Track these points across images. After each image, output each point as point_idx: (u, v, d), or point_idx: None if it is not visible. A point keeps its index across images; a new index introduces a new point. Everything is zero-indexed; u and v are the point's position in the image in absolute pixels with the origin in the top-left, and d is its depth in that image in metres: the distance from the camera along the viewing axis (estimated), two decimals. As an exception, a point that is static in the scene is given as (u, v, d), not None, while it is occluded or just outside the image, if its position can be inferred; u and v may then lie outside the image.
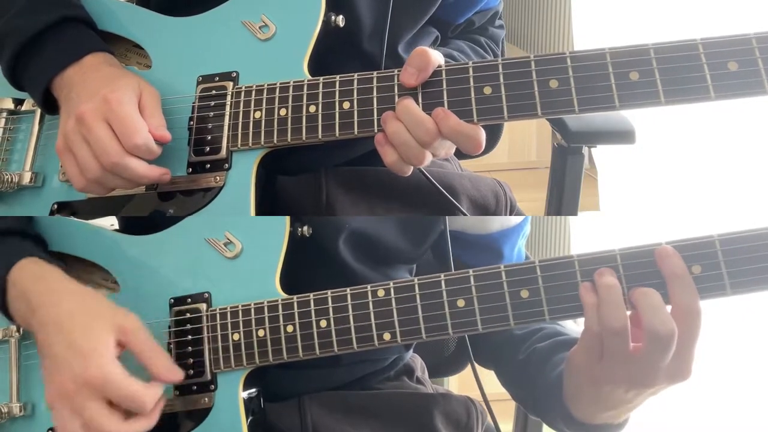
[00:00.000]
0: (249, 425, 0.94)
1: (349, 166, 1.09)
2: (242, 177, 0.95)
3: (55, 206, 1.02)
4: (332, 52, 0.99)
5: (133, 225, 1.05)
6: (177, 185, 0.97)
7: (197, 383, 0.95)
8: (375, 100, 0.92)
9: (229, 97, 0.97)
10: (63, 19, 0.96)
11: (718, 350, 1.72)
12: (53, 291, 0.91)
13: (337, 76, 0.93)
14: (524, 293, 0.87)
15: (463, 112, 0.88)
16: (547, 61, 0.87)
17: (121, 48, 1.04)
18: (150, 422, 0.88)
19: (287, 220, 0.97)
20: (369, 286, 0.92)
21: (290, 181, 1.06)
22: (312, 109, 0.93)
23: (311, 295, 0.93)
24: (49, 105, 0.97)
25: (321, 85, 0.94)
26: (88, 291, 0.93)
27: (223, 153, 0.96)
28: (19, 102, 1.07)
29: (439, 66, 0.90)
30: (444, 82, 0.90)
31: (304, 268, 0.99)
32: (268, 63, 0.97)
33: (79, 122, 0.91)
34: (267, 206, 0.98)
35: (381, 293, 0.91)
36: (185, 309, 0.97)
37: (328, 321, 0.92)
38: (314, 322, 0.92)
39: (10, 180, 1.03)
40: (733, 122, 1.77)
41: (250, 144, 0.95)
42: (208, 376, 0.95)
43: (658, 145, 2.01)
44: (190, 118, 0.97)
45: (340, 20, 0.98)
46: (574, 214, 1.45)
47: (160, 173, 0.94)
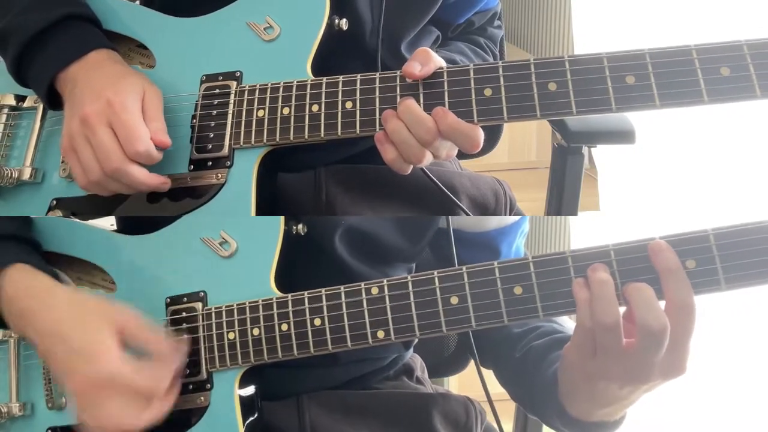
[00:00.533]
0: (246, 424, 0.94)
1: (349, 164, 1.09)
2: (244, 174, 0.96)
3: (54, 202, 1.02)
4: (335, 54, 1.00)
5: (132, 223, 1.06)
6: (179, 182, 0.97)
7: (193, 382, 0.95)
8: (377, 100, 0.92)
9: (232, 96, 0.97)
10: (68, 16, 0.97)
11: (714, 348, 1.73)
12: (43, 300, 0.92)
13: (340, 77, 0.94)
14: (518, 290, 0.87)
15: (463, 112, 0.89)
16: (546, 64, 0.88)
17: (125, 48, 1.05)
18: (167, 404, 0.90)
19: (281, 219, 0.97)
20: (363, 283, 0.92)
21: (291, 178, 1.06)
22: (315, 108, 0.94)
23: (306, 293, 0.93)
24: (53, 101, 0.98)
25: (324, 84, 0.94)
26: (77, 294, 0.94)
27: (226, 150, 0.96)
28: (21, 98, 1.08)
29: (441, 68, 0.91)
30: (445, 83, 0.90)
31: (300, 267, 0.99)
32: (272, 63, 0.98)
33: (84, 124, 0.92)
34: (267, 204, 0.98)
35: (375, 291, 0.91)
36: (181, 308, 0.97)
37: (323, 319, 0.92)
38: (308, 321, 0.92)
39: (9, 175, 1.03)
40: (733, 122, 1.77)
41: (253, 142, 0.96)
42: (204, 375, 0.95)
43: (658, 145, 2.01)
44: (193, 116, 0.98)
45: (343, 23, 0.99)
46: (574, 214, 1.45)
47: (159, 182, 0.95)
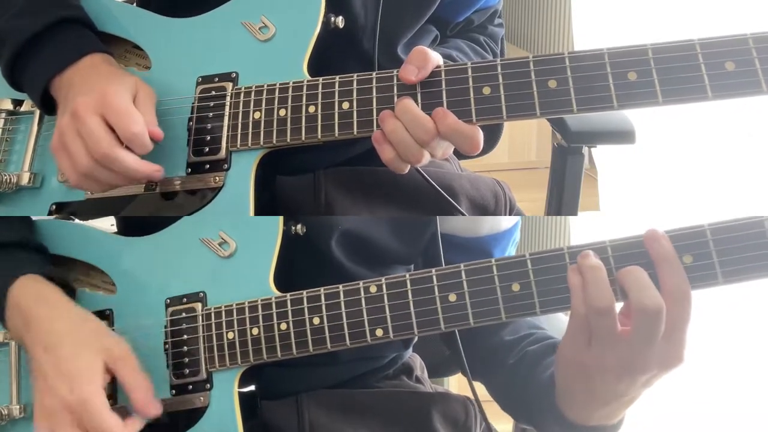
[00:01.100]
0: (245, 424, 0.94)
1: (348, 166, 1.08)
2: (241, 177, 0.95)
3: (54, 207, 1.02)
4: (332, 53, 0.99)
5: (131, 225, 1.05)
6: (176, 185, 0.96)
7: (193, 382, 0.95)
8: (374, 100, 0.92)
9: (228, 98, 0.97)
10: (61, 20, 0.96)
11: (711, 346, 1.72)
12: (50, 312, 0.92)
13: (337, 77, 0.93)
14: (515, 287, 0.87)
15: (462, 112, 0.88)
16: (546, 61, 0.87)
17: (121, 49, 1.04)
18: None
19: (281, 219, 0.97)
20: (361, 282, 0.92)
21: (289, 181, 1.06)
22: (311, 109, 0.93)
23: (304, 292, 0.93)
24: (48, 106, 0.97)
25: (320, 85, 0.94)
26: (82, 314, 0.94)
27: (223, 153, 0.96)
28: (18, 103, 1.07)
29: (438, 66, 0.90)
30: (443, 82, 0.90)
31: (299, 267, 0.99)
32: (268, 64, 0.97)
33: (73, 116, 0.91)
34: (266, 206, 0.98)
35: (373, 289, 0.91)
36: (181, 309, 0.97)
37: (321, 318, 0.92)
38: (307, 320, 0.92)
39: (8, 181, 1.03)
40: (733, 122, 1.77)
41: (250, 144, 0.95)
42: (204, 375, 0.95)
43: (658, 145, 2.01)
44: (190, 119, 0.97)
45: (339, 21, 0.98)
46: (574, 214, 1.45)
47: (152, 169, 0.93)
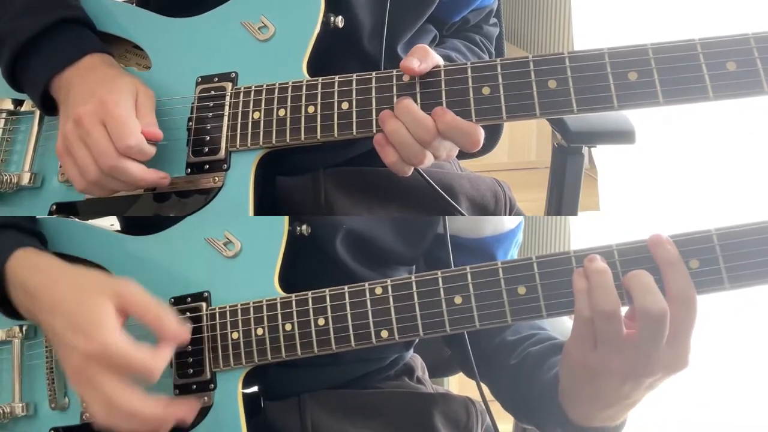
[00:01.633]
0: (248, 424, 0.94)
1: (348, 166, 1.08)
2: (241, 177, 0.95)
3: (54, 207, 1.02)
4: (332, 53, 0.99)
5: (132, 225, 1.05)
6: (176, 186, 0.96)
7: (197, 382, 0.95)
8: (374, 100, 0.91)
9: (228, 98, 0.97)
10: (61, 20, 0.96)
11: (714, 349, 1.72)
12: (48, 277, 0.91)
13: (336, 77, 0.93)
14: (521, 290, 0.87)
15: (461, 112, 0.88)
16: (546, 61, 0.87)
17: (121, 49, 1.04)
18: (169, 410, 0.87)
19: (286, 219, 0.97)
20: (367, 284, 0.92)
21: (289, 181, 1.06)
22: (311, 109, 0.93)
23: (309, 293, 0.93)
24: (48, 106, 0.97)
25: (320, 85, 0.93)
26: (81, 269, 0.93)
27: (222, 153, 0.96)
28: (18, 103, 1.07)
29: (438, 66, 0.90)
30: (443, 82, 0.89)
31: (304, 267, 0.99)
32: (267, 64, 0.97)
33: (77, 124, 0.91)
34: (266, 207, 0.98)
35: (379, 291, 0.91)
36: (185, 308, 0.97)
37: (326, 319, 0.92)
38: (312, 321, 0.92)
39: (9, 180, 1.03)
40: (733, 122, 1.77)
41: (249, 144, 0.95)
42: (208, 375, 0.95)
43: (658, 145, 2.01)
44: (189, 119, 0.97)
45: (339, 21, 0.98)
46: (574, 214, 1.45)
47: (158, 177, 0.94)
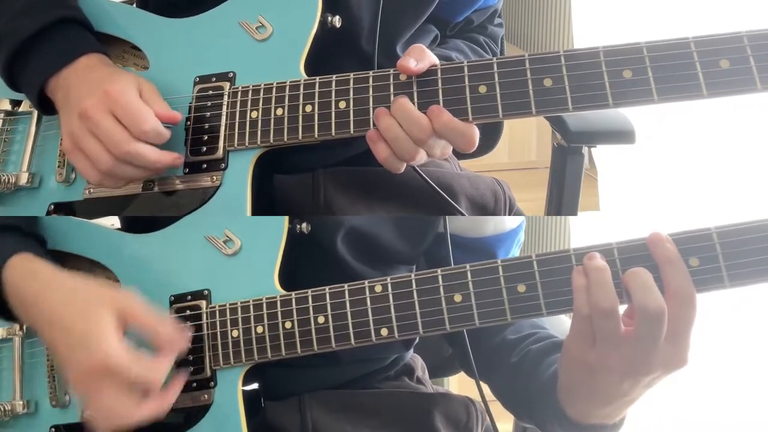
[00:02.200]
0: (249, 423, 0.94)
1: (347, 166, 1.09)
2: (239, 177, 0.95)
3: (52, 207, 1.02)
4: (329, 53, 0.99)
5: (131, 225, 1.05)
6: (174, 185, 0.97)
7: (197, 380, 0.95)
8: (371, 99, 0.92)
9: (225, 98, 0.97)
10: (59, 20, 0.96)
11: (713, 351, 1.72)
12: (44, 287, 0.91)
13: (333, 76, 0.94)
14: (521, 288, 0.87)
15: (458, 110, 0.89)
16: (542, 59, 0.87)
17: (119, 49, 1.05)
18: (166, 402, 0.88)
19: (286, 217, 0.97)
20: (366, 281, 0.92)
21: (287, 180, 1.06)
22: (308, 108, 0.94)
23: (309, 291, 0.93)
24: (45, 106, 0.97)
25: (317, 84, 0.94)
26: (79, 280, 0.93)
27: (220, 153, 0.96)
28: (16, 103, 1.07)
29: (435, 65, 0.90)
30: (439, 81, 0.90)
31: (304, 266, 0.99)
32: (265, 63, 0.98)
33: (84, 118, 0.91)
34: (264, 206, 0.98)
35: (378, 289, 0.91)
36: (185, 306, 0.97)
37: (326, 317, 0.92)
38: (312, 319, 0.92)
39: (7, 181, 1.03)
40: (733, 121, 1.77)
41: (247, 144, 0.95)
42: (208, 373, 0.95)
43: (658, 145, 2.01)
44: (187, 119, 0.98)
45: (336, 21, 0.98)
46: (574, 214, 1.45)
47: (172, 158, 0.94)
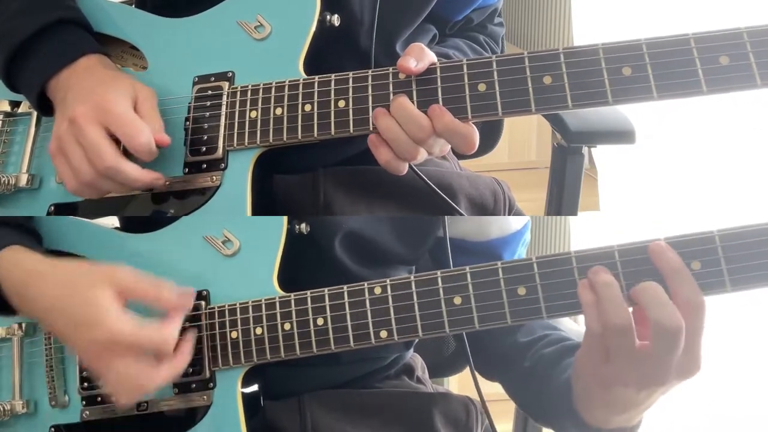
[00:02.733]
0: (248, 423, 0.94)
1: (347, 165, 1.08)
2: (238, 176, 0.95)
3: (52, 208, 1.02)
4: (328, 52, 0.99)
5: (130, 224, 1.05)
6: (173, 185, 0.97)
7: (196, 381, 0.95)
8: (370, 98, 0.92)
9: (225, 97, 0.97)
10: (58, 21, 0.96)
11: (720, 351, 1.72)
12: (32, 275, 0.91)
13: (333, 75, 0.94)
14: (521, 290, 0.87)
15: (457, 108, 0.89)
16: (541, 57, 0.87)
17: (117, 50, 1.04)
18: (180, 362, 0.89)
19: (285, 218, 0.97)
20: (366, 283, 0.92)
21: (287, 180, 1.06)
22: (307, 108, 0.94)
23: (308, 292, 0.93)
24: (45, 107, 0.97)
25: (316, 84, 0.94)
26: (69, 262, 0.93)
27: (220, 153, 0.96)
28: (15, 104, 1.07)
29: (434, 63, 0.90)
30: (439, 79, 0.90)
31: (303, 267, 0.99)
32: (264, 63, 0.97)
33: (72, 125, 0.91)
34: (264, 206, 0.98)
35: (378, 291, 0.91)
36: None
37: (325, 319, 0.92)
38: (311, 320, 0.92)
39: (6, 182, 1.03)
40: (733, 121, 1.77)
41: (246, 143, 0.95)
42: (207, 374, 0.95)
43: (658, 145, 2.01)
44: (186, 119, 0.98)
45: (335, 20, 0.98)
46: (574, 214, 1.45)
47: (153, 177, 0.94)
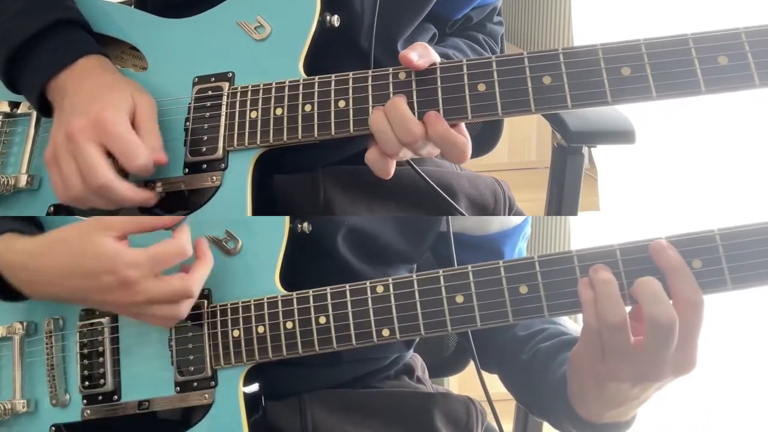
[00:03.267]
0: (249, 422, 0.94)
1: (347, 165, 1.08)
2: (239, 177, 0.95)
3: (52, 208, 1.01)
4: (328, 52, 0.99)
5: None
6: (174, 186, 0.97)
7: (198, 379, 0.95)
8: (370, 98, 0.92)
9: (225, 98, 0.97)
10: (57, 21, 0.95)
11: (719, 349, 1.72)
12: (28, 255, 0.91)
13: (333, 75, 0.94)
14: (523, 289, 0.87)
15: (457, 109, 0.89)
16: (540, 57, 0.88)
17: (117, 50, 1.04)
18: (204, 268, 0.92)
19: (287, 217, 0.97)
20: (368, 282, 0.92)
21: (287, 180, 1.06)
22: (308, 108, 0.94)
23: (310, 291, 0.93)
24: (45, 108, 0.97)
25: (316, 84, 0.94)
26: (52, 233, 0.92)
27: (220, 153, 0.96)
28: (15, 105, 1.07)
29: (434, 64, 0.91)
30: (438, 79, 0.90)
31: (304, 265, 0.99)
32: (264, 63, 0.98)
33: (69, 140, 0.90)
34: (264, 206, 0.98)
35: (380, 289, 0.91)
36: None
37: (327, 317, 0.92)
38: (313, 319, 0.92)
39: (6, 183, 1.02)
40: (733, 120, 1.77)
41: (246, 144, 0.95)
42: (209, 373, 0.95)
43: (658, 145, 2.01)
44: (186, 119, 0.97)
45: (335, 20, 0.98)
46: (574, 214, 1.45)
47: (145, 197, 0.94)
